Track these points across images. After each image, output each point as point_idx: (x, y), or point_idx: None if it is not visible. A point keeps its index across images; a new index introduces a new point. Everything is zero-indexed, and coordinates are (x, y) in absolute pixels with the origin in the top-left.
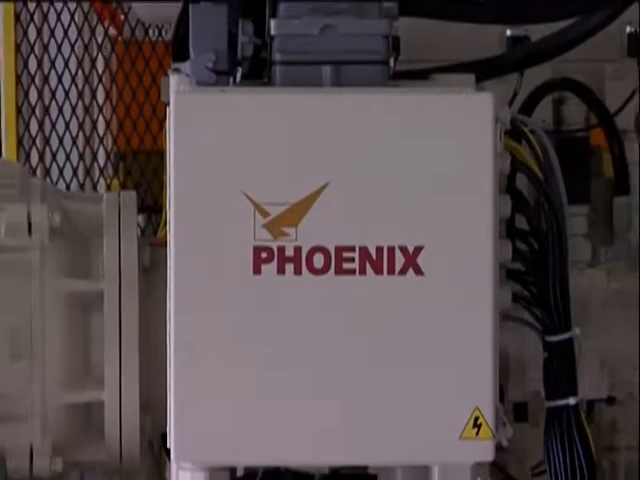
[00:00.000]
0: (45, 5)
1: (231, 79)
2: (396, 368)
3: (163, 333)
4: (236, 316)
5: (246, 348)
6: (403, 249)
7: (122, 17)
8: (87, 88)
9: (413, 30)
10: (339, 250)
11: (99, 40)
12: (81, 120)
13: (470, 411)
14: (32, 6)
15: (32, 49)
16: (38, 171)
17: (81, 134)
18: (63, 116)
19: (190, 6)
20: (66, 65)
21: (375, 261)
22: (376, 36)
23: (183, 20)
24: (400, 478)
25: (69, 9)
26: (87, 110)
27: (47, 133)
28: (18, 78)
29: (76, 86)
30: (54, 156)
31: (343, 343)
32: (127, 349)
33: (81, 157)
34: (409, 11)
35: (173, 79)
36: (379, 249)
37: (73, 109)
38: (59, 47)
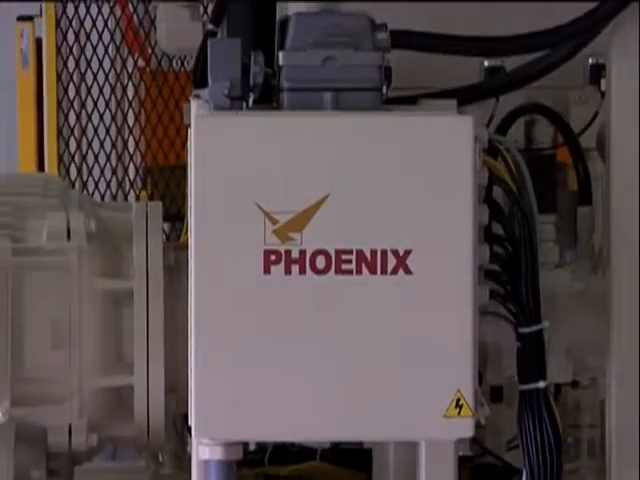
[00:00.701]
0: (82, 39)
1: (244, 104)
2: (388, 356)
3: (185, 324)
4: (249, 310)
5: (257, 338)
6: (394, 252)
7: (149, 50)
8: (119, 112)
9: (403, 61)
10: (338, 253)
11: (129, 70)
12: (114, 139)
13: (453, 393)
14: (71, 39)
15: (71, 78)
16: (76, 184)
17: (114, 152)
18: (98, 136)
19: (209, 40)
20: (101, 92)
21: (370, 262)
22: (370, 66)
23: (203, 53)
24: (392, 452)
25: (103, 43)
26: (119, 131)
27: (84, 151)
28: (59, 104)
29: (110, 110)
30: (90, 171)
31: (342, 333)
32: (154, 339)
33: (114, 172)
34: (399, 44)
35: (194, 104)
36: (373, 252)
37: (107, 130)
38: (95, 76)
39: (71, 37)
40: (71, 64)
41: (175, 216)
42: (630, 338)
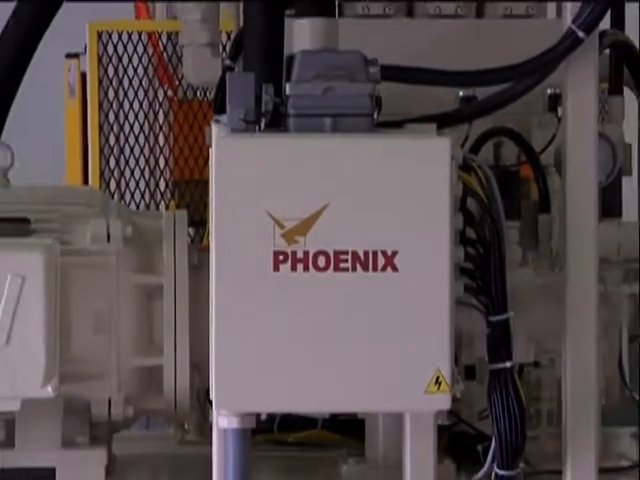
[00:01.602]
0: (120, 73)
1: (257, 127)
2: (378, 340)
3: (207, 314)
4: (260, 302)
5: (267, 326)
6: (383, 252)
7: (177, 82)
8: (151, 134)
9: (391, 91)
10: (336, 253)
11: (160, 99)
12: (147, 157)
13: (433, 372)
14: (110, 73)
15: (111, 106)
16: (115, 196)
17: (147, 168)
18: (133, 155)
19: (227, 74)
20: (136, 117)
21: (363, 261)
22: (364, 96)
23: (222, 84)
24: (381, 422)
25: (138, 76)
26: (152, 150)
27: (121, 167)
28: (100, 127)
29: (143, 133)
30: (127, 184)
31: (339, 321)
32: (180, 326)
33: (147, 185)
34: (388, 77)
35: (215, 127)
36: (366, 252)
37: (141, 149)
38: (131, 104)
39: (111, 71)
40: (111, 94)
41: (198, 222)
42: (582, 325)
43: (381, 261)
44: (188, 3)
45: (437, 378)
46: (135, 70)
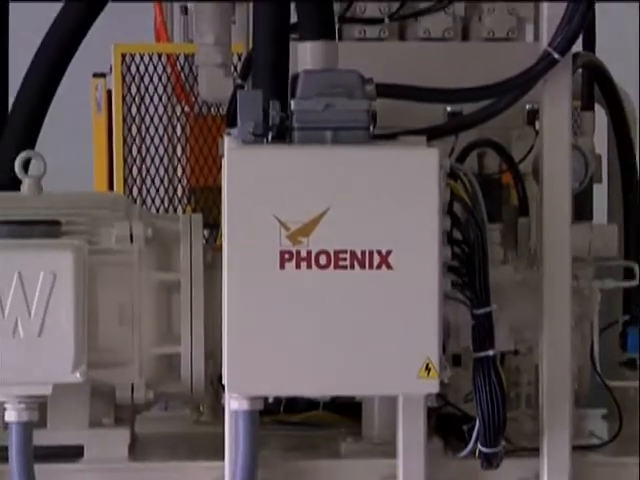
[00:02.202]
0: (142, 90)
1: (265, 140)
2: (374, 330)
3: (220, 307)
4: (268, 296)
5: (274, 318)
6: (379, 252)
7: (193, 99)
8: (170, 146)
9: (386, 106)
10: (336, 252)
11: (178, 114)
12: (166, 166)
13: (424, 359)
14: (133, 91)
15: (133, 120)
16: (137, 201)
17: (166, 176)
18: (154, 164)
19: (238, 92)
20: (156, 130)
21: (360, 260)
22: (361, 111)
23: (233, 101)
24: (377, 404)
25: (158, 93)
26: (170, 160)
27: (143, 175)
28: (124, 140)
29: (163, 144)
30: (148, 190)
31: (339, 313)
32: (196, 318)
33: (166, 191)
34: (383, 94)
35: (227, 139)
36: (363, 252)
37: (160, 159)
38: (151, 118)
39: (133, 89)
40: (133, 109)
41: (212, 225)
42: (557, 317)
43: (376, 260)
44: (203, 27)
45: (427, 365)
46: (155, 88)
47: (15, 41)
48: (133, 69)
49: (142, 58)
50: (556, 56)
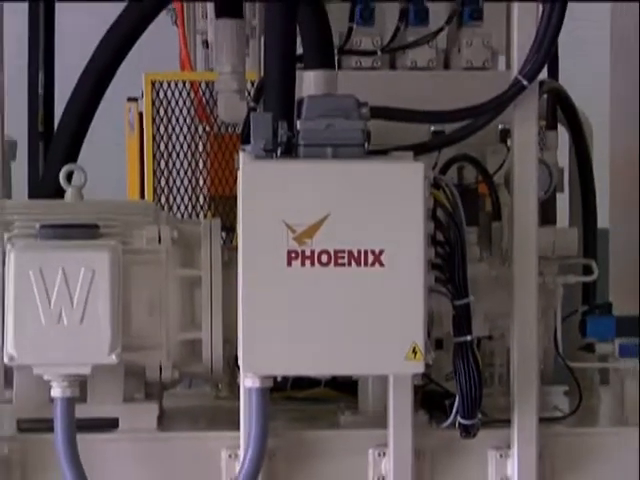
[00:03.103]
0: (169, 112)
1: (274, 155)
2: (368, 319)
3: (235, 299)
4: (277, 290)
5: (282, 308)
6: (372, 251)
7: (213, 119)
8: (193, 160)
9: (378, 126)
10: (336, 252)
11: (200, 132)
12: (189, 178)
13: (411, 344)
14: (162, 112)
15: (162, 138)
16: (165, 207)
17: (189, 186)
18: (179, 176)
19: (251, 114)
20: (181, 147)
21: (357, 258)
22: (357, 130)
23: (247, 121)
24: (371, 382)
25: (182, 115)
26: (193, 172)
27: (170, 185)
28: (154, 155)
29: (187, 159)
30: (174, 199)
31: (338, 304)
32: (215, 309)
33: (189, 199)
34: (376, 115)
35: (242, 154)
36: (359, 251)
37: (185, 172)
38: (177, 137)
39: (161, 111)
40: (161, 129)
41: (229, 228)
42: (525, 308)
43: (370, 258)
44: (221, 59)
45: (414, 349)
46: (180, 110)
47: (59, 68)
48: (161, 94)
49: (169, 85)
50: (525, 83)
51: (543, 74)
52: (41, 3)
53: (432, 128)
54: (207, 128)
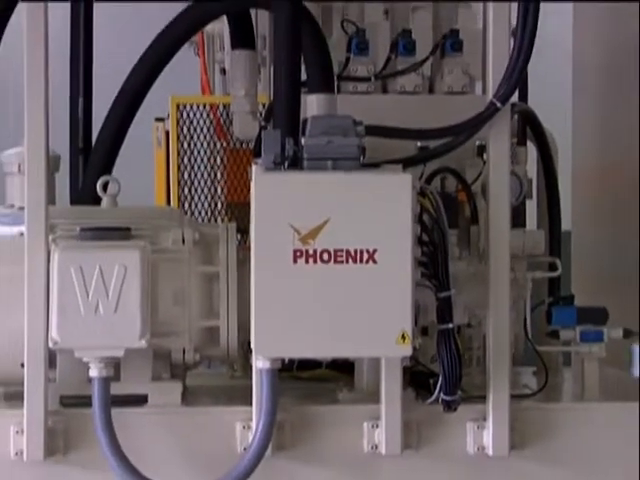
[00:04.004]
0: (191, 130)
1: (282, 167)
2: (363, 309)
3: (249, 292)
4: (284, 283)
5: (289, 299)
6: (367, 250)
7: (229, 136)
8: (212, 171)
9: (372, 142)
10: (335, 251)
11: (218, 148)
12: (209, 187)
13: (400, 330)
14: (185, 130)
15: (185, 153)
16: (188, 213)
17: (209, 194)
18: (200, 185)
19: (262, 131)
20: (202, 160)
21: (353, 256)
22: (353, 146)
23: (259, 138)
24: (366, 363)
25: (203, 132)
26: (212, 182)
27: (192, 193)
28: (178, 167)
29: (207, 171)
30: (196, 205)
31: (337, 296)
32: (231, 300)
33: (209, 205)
34: (370, 133)
35: (254, 167)
36: (355, 250)
37: (205, 182)
38: (198, 151)
39: (185, 130)
40: (185, 145)
41: (243, 231)
42: (499, 299)
43: (365, 256)
44: (236, 84)
45: (403, 334)
46: (201, 129)
47: (97, 90)
48: (185, 115)
49: (191, 107)
50: (499, 105)
51: (514, 97)
52: (81, 38)
53: (418, 144)
54: (224, 144)
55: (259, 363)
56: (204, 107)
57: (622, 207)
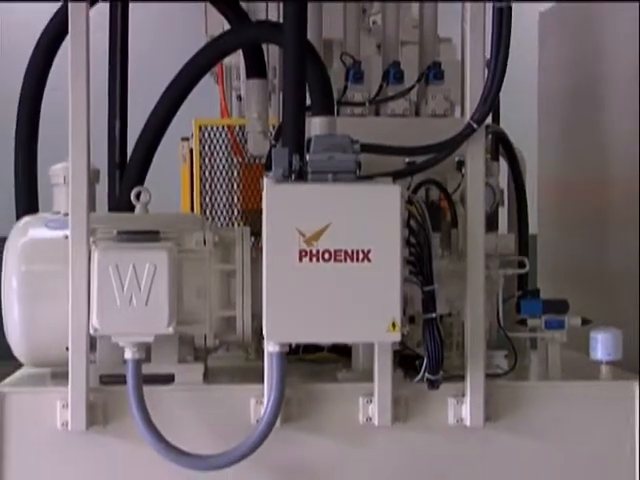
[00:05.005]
0: (212, 148)
1: (290, 179)
2: (360, 300)
3: (261, 286)
4: (291, 279)
5: (295, 292)
6: (362, 251)
7: (245, 153)
8: (230, 183)
9: (367, 158)
10: (335, 251)
11: (235, 163)
12: (227, 197)
13: (391, 319)
14: (206, 148)
15: (207, 167)
16: (209, 218)
17: (227, 203)
18: (219, 195)
19: (272, 149)
20: (221, 173)
21: (351, 256)
22: (350, 161)
23: (269, 155)
24: (361, 347)
25: (222, 149)
26: (230, 192)
27: (213, 202)
28: (201, 179)
29: (225, 183)
30: (216, 212)
31: (337, 290)
32: (246, 293)
33: (227, 212)
34: (365, 150)
35: (266, 179)
36: (352, 251)
37: (224, 192)
38: (218, 166)
39: (207, 147)
40: (207, 160)
41: (256, 234)
42: (475, 292)
43: (361, 256)
44: (250, 108)
45: (393, 323)
46: (220, 147)
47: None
48: (206, 134)
49: (212, 128)
50: (475, 126)
51: (488, 120)
52: (118, 71)
53: (406, 160)
54: (240, 160)
55: (270, 347)
56: (223, 128)
57: (580, 214)
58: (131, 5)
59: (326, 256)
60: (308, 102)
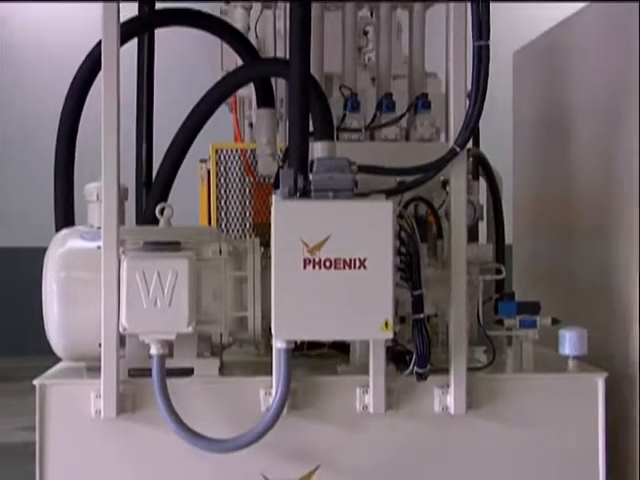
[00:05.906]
0: (228, 169)
1: (295, 197)
2: (357, 302)
3: (269, 290)
4: (297, 284)
5: (300, 295)
6: (359, 259)
7: (256, 174)
8: (243, 200)
9: (363, 178)
10: (335, 259)
11: (247, 182)
12: (240, 212)
13: (384, 319)
14: (222, 169)
15: (222, 186)
16: (224, 231)
17: (240, 217)
18: (234, 210)
19: (280, 170)
20: (234, 192)
21: (349, 264)
22: (348, 180)
23: (277, 174)
24: (358, 344)
25: (236, 171)
26: (243, 208)
27: (228, 216)
28: (217, 198)
29: (239, 200)
30: (230, 225)
31: (337, 293)
32: (256, 296)
33: (240, 225)
34: (361, 171)
35: (274, 196)
36: (350, 259)
37: (237, 208)
38: (232, 185)
39: (222, 169)
40: (222, 180)
41: (266, 244)
42: (458, 296)
43: (358, 263)
44: (261, 134)
45: (386, 322)
46: (234, 168)
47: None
48: (222, 157)
49: (227, 151)
50: (458, 150)
51: (470, 144)
52: (145, 101)
53: (397, 179)
54: (251, 179)
55: (277, 344)
56: (236, 151)
57: (550, 226)
58: (157, 48)
59: (327, 264)
60: (311, 129)
